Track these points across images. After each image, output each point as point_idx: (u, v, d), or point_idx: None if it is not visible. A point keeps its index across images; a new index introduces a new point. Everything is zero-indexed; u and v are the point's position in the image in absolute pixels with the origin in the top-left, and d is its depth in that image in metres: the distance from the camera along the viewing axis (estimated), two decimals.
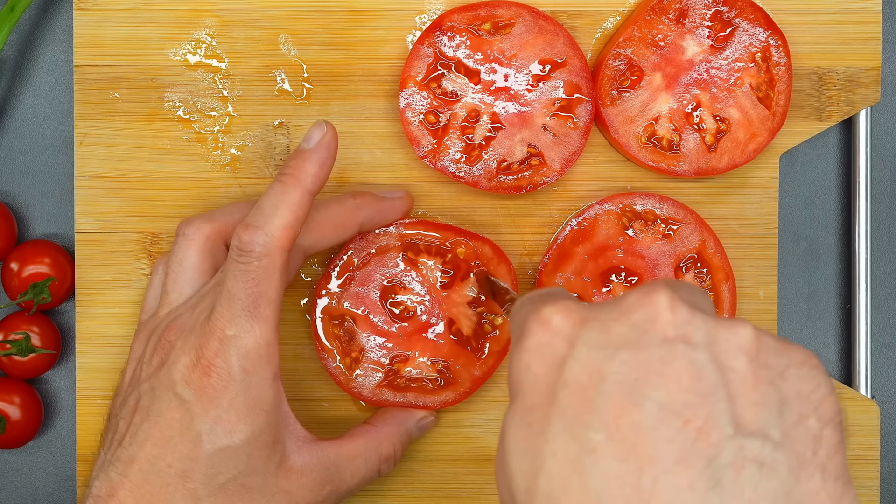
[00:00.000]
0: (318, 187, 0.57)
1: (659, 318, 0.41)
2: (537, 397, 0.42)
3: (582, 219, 0.65)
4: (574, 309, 0.43)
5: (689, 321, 0.41)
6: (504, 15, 0.65)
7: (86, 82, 0.66)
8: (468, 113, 0.65)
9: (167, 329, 0.58)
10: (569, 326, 0.43)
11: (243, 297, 0.55)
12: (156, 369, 0.57)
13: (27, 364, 0.67)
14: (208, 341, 0.55)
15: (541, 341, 0.43)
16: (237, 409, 0.55)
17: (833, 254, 0.70)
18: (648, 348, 0.41)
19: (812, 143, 0.70)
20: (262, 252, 0.55)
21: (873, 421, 0.67)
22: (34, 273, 0.66)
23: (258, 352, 0.56)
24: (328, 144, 0.58)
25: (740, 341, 0.41)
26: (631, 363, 0.41)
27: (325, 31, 0.67)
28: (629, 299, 0.42)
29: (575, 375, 0.41)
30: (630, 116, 0.65)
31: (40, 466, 0.69)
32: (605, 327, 0.42)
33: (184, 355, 0.56)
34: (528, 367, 0.43)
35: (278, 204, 0.56)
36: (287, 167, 0.57)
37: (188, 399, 0.55)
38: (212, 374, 0.55)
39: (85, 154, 0.67)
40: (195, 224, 0.61)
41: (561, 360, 0.42)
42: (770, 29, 0.65)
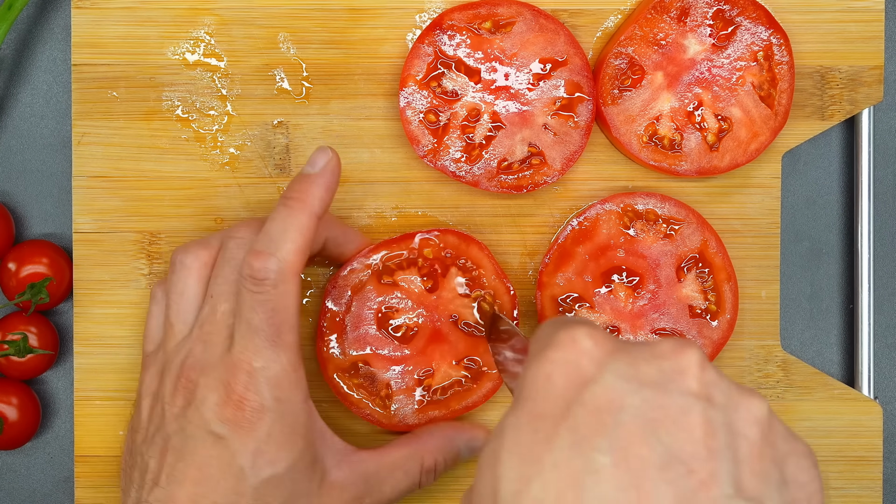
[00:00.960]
0: (323, 211, 0.58)
1: (688, 372, 0.43)
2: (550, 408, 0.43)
3: (583, 218, 0.65)
4: (608, 338, 0.44)
5: (715, 383, 0.43)
6: (505, 13, 0.64)
7: (84, 81, 0.66)
8: (468, 112, 0.65)
9: (183, 367, 0.57)
10: (599, 352, 0.43)
11: (265, 327, 0.55)
12: (182, 409, 0.57)
13: (25, 365, 0.67)
14: (236, 376, 0.55)
15: (568, 357, 0.43)
16: (276, 439, 0.55)
17: (836, 254, 0.70)
18: (672, 395, 0.42)
19: (814, 143, 0.70)
20: (276, 279, 0.55)
21: (876, 422, 0.67)
22: (32, 273, 0.66)
23: (288, 378, 0.56)
24: (333, 170, 0.58)
25: (757, 414, 0.43)
26: (652, 403, 0.42)
27: (324, 30, 0.66)
28: (663, 346, 0.44)
29: (595, 398, 0.42)
30: (631, 115, 0.65)
31: (38, 468, 0.69)
32: (635, 363, 0.43)
33: (212, 393, 0.56)
34: (549, 377, 0.43)
35: (287, 228, 0.56)
36: (292, 191, 0.57)
37: (225, 435, 0.55)
38: (245, 407, 0.55)
39: (83, 153, 0.66)
40: (192, 252, 0.60)
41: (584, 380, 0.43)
42: (772, 27, 0.65)
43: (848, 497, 0.67)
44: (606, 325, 0.65)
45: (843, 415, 0.67)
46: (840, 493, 0.67)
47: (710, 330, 0.65)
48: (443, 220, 0.67)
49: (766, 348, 0.67)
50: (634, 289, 0.65)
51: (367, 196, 0.67)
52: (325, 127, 0.66)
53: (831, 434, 0.67)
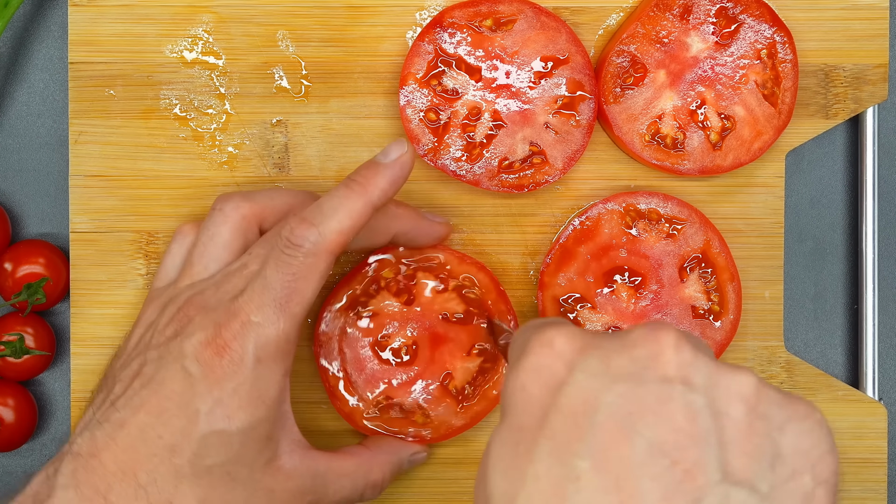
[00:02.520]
0: (382, 203, 0.57)
1: (662, 356, 0.42)
2: (528, 418, 0.42)
3: (585, 218, 0.65)
4: (577, 335, 0.43)
5: (692, 363, 0.42)
6: (506, 11, 0.64)
7: (81, 79, 0.66)
8: (469, 111, 0.65)
9: (187, 302, 0.57)
10: (570, 351, 0.43)
11: (279, 287, 0.55)
12: (168, 339, 0.56)
13: (21, 366, 0.67)
14: (230, 321, 0.55)
15: (540, 363, 0.43)
16: (240, 396, 0.55)
17: (840, 253, 0.70)
18: (647, 384, 0.41)
19: (818, 142, 0.70)
20: (310, 249, 0.55)
21: (881, 423, 0.67)
22: (28, 273, 0.66)
23: (277, 345, 0.55)
24: (404, 164, 0.58)
25: (741, 389, 0.42)
26: (627, 396, 0.41)
27: (323, 28, 0.66)
28: (634, 334, 0.43)
29: (569, 401, 0.41)
30: (633, 114, 0.65)
31: (35, 469, 0.68)
32: (607, 357, 0.42)
33: (200, 330, 0.55)
34: (524, 387, 0.43)
35: (339, 207, 0.56)
36: (358, 174, 0.57)
37: (194, 374, 0.55)
38: (225, 355, 0.55)
39: (80, 152, 0.66)
40: (234, 201, 0.60)
41: (558, 384, 0.42)
42: (776, 25, 0.65)
43: (852, 499, 0.67)
44: (608, 326, 0.65)
45: (848, 416, 0.67)
46: (844, 496, 0.67)
47: (713, 331, 0.65)
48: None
49: (769, 349, 0.67)
50: (637, 289, 0.65)
51: None
52: (324, 125, 0.66)
53: (835, 436, 0.66)
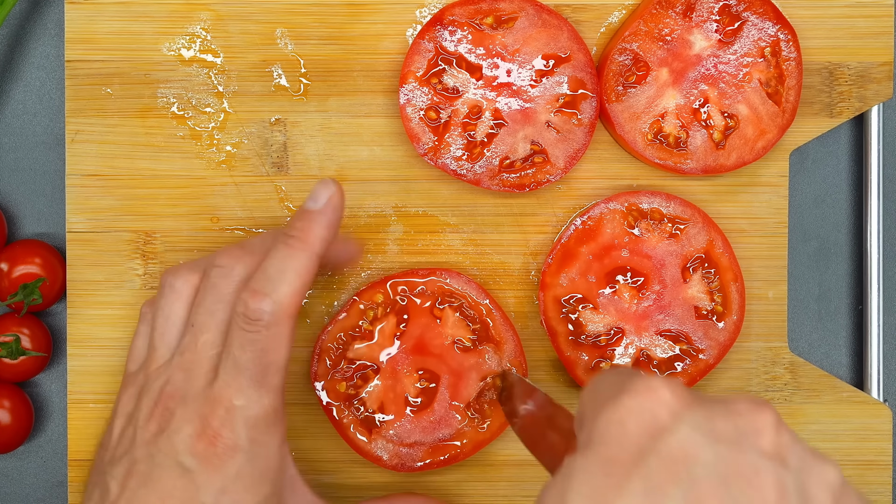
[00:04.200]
0: (324, 250, 0.57)
1: (763, 432, 0.44)
2: (622, 454, 0.43)
3: (587, 218, 0.65)
4: (684, 389, 0.45)
5: (789, 445, 0.44)
6: (507, 9, 0.64)
7: (77, 78, 0.66)
8: (470, 109, 0.64)
9: (162, 395, 0.57)
10: (676, 403, 0.44)
11: (251, 366, 0.55)
12: (154, 436, 0.56)
13: (17, 367, 0.66)
14: (214, 410, 0.55)
15: (643, 405, 0.44)
16: (244, 480, 0.55)
17: (844, 253, 0.70)
18: (746, 453, 0.43)
19: (823, 140, 0.70)
20: (270, 320, 0.55)
21: (886, 425, 0.67)
22: (24, 273, 0.66)
23: (266, 420, 0.55)
24: (336, 207, 0.57)
25: (830, 480, 0.44)
26: (727, 459, 0.43)
27: (322, 26, 0.66)
28: (740, 404, 0.45)
29: (670, 448, 0.43)
30: (636, 113, 0.65)
31: (31, 472, 0.69)
32: (711, 417, 0.44)
33: (187, 424, 0.55)
34: (623, 423, 0.44)
35: (285, 269, 0.56)
36: (293, 229, 0.57)
37: (192, 468, 0.54)
38: (218, 444, 0.54)
39: (76, 151, 0.66)
40: (182, 276, 0.59)
41: (659, 429, 0.44)
42: (779, 23, 0.65)
43: None
44: (611, 326, 0.64)
45: (852, 418, 0.67)
46: None
47: (716, 331, 0.65)
48: (443, 220, 0.66)
49: (773, 350, 0.67)
50: (639, 289, 0.65)
51: (367, 195, 0.66)
52: (323, 124, 0.66)
53: (840, 438, 0.67)
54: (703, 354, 0.65)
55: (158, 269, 0.66)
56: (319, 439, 0.66)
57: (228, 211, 0.66)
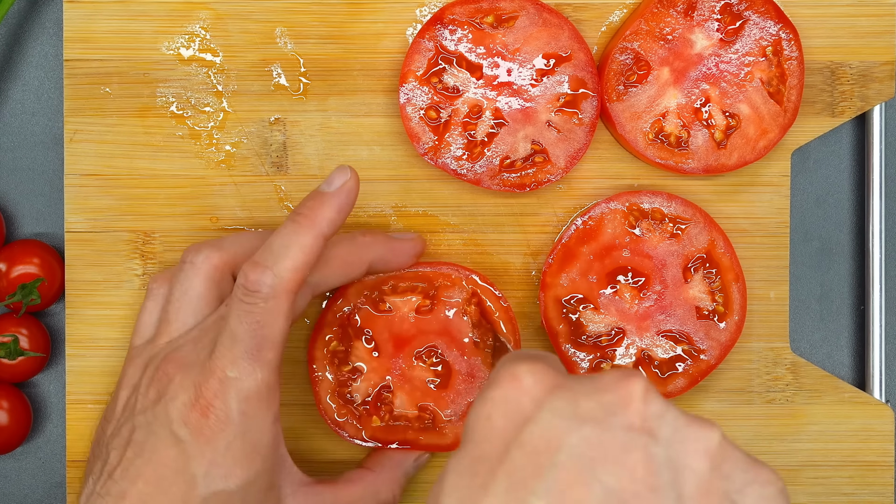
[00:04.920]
0: (332, 232, 0.57)
1: (630, 405, 0.42)
2: (489, 449, 0.43)
3: (587, 218, 0.65)
4: (548, 374, 0.44)
5: (660, 415, 0.42)
6: (507, 7, 0.64)
7: (76, 77, 0.66)
8: (470, 109, 0.64)
9: (166, 361, 0.57)
10: (539, 389, 0.43)
11: (246, 338, 0.55)
12: (152, 402, 0.56)
13: (16, 367, 0.66)
14: (208, 380, 0.55)
15: (507, 396, 0.43)
16: (234, 453, 0.55)
17: (846, 253, 0.70)
18: (612, 430, 0.42)
19: (825, 140, 0.69)
20: (268, 293, 0.55)
21: (887, 426, 0.67)
22: (23, 274, 0.66)
23: (259, 395, 0.55)
24: (349, 191, 0.57)
25: (707, 445, 0.42)
26: (591, 440, 0.41)
27: (322, 25, 0.66)
28: (605, 378, 0.43)
29: (533, 438, 0.42)
30: (637, 112, 0.65)
31: (29, 473, 0.69)
32: (575, 399, 0.42)
33: (182, 392, 0.55)
34: (489, 418, 0.43)
35: (289, 245, 0.55)
36: (303, 207, 0.57)
37: (184, 439, 0.55)
38: (210, 415, 0.54)
39: (75, 151, 0.66)
40: (204, 252, 0.59)
41: (523, 419, 0.42)
42: (781, 22, 0.65)
43: (859, 503, 0.67)
44: (612, 327, 0.64)
45: (854, 419, 0.67)
46: (851, 500, 0.67)
47: (717, 332, 0.64)
48: (444, 220, 0.66)
49: (774, 350, 0.67)
50: (640, 289, 0.65)
51: (367, 195, 0.66)
52: (323, 124, 0.66)
53: (842, 438, 0.67)
54: (705, 355, 0.64)
55: (157, 270, 0.66)
56: (320, 440, 0.66)
57: (228, 211, 0.66)
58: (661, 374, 0.64)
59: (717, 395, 0.67)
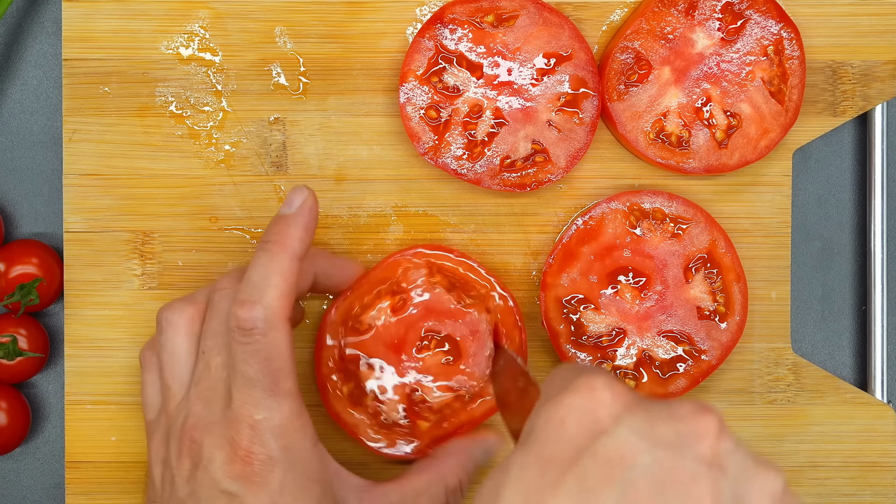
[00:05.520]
0: (304, 252, 0.57)
1: (705, 438, 0.43)
2: (559, 452, 0.43)
3: (588, 217, 0.65)
4: (626, 392, 0.45)
5: (730, 452, 0.44)
6: (507, 6, 0.64)
7: (75, 76, 0.66)
8: (470, 108, 0.64)
9: (185, 430, 0.56)
10: (617, 405, 0.44)
11: (261, 377, 0.54)
12: (191, 472, 0.56)
13: (14, 368, 0.66)
14: (239, 431, 0.54)
15: (584, 405, 0.44)
16: (290, 489, 0.54)
17: (848, 253, 0.69)
18: (684, 459, 0.43)
19: (826, 139, 0.69)
20: (265, 327, 0.54)
21: (889, 427, 0.67)
22: (21, 274, 0.66)
23: (292, 426, 0.55)
24: (311, 208, 0.57)
25: (770, 488, 0.44)
26: (664, 464, 0.42)
27: (322, 24, 0.66)
28: (683, 408, 0.44)
29: (607, 450, 0.43)
30: (638, 112, 0.65)
31: (28, 474, 0.69)
32: (652, 421, 0.44)
33: (218, 451, 0.55)
34: (562, 422, 0.44)
35: (268, 274, 0.55)
36: (270, 234, 0.56)
37: (237, 493, 0.54)
38: (253, 461, 0.54)
39: (74, 151, 0.66)
40: (177, 309, 0.59)
41: (598, 431, 0.43)
42: (783, 21, 0.65)
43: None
44: (613, 327, 0.64)
45: (856, 419, 0.67)
46: (852, 500, 0.67)
47: (718, 332, 0.64)
48: (444, 220, 0.66)
49: (776, 351, 0.67)
50: (641, 290, 0.64)
51: (366, 195, 0.66)
52: (322, 123, 0.66)
53: (843, 439, 0.67)
54: (706, 355, 0.64)
55: (156, 269, 0.66)
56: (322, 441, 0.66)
57: (227, 211, 0.66)
58: (661, 375, 0.64)
59: (719, 396, 0.67)
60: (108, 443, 0.66)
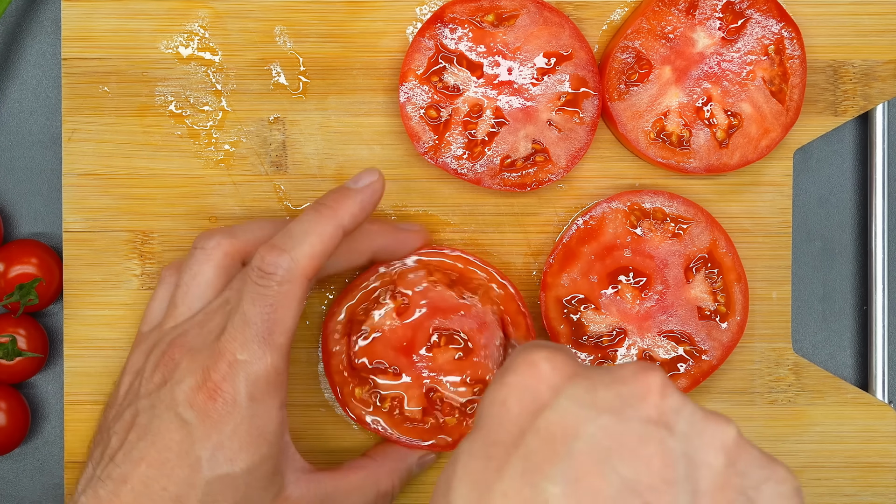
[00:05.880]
0: (353, 227, 0.57)
1: (648, 398, 0.43)
2: (504, 434, 0.43)
3: (588, 217, 0.64)
4: (566, 362, 0.44)
5: (677, 409, 0.43)
6: (508, 6, 0.64)
7: (74, 76, 0.65)
8: (471, 108, 0.64)
9: (172, 345, 0.57)
10: (556, 377, 0.43)
11: (259, 321, 0.54)
12: (157, 386, 0.56)
13: (13, 368, 0.66)
14: (217, 363, 0.54)
15: (524, 382, 0.43)
16: (240, 437, 0.54)
17: (849, 253, 0.69)
18: (629, 422, 0.42)
19: (827, 139, 0.69)
20: (284, 277, 0.55)
21: (890, 427, 0.67)
22: (21, 274, 0.66)
23: (268, 379, 0.55)
24: (375, 191, 0.58)
25: (723, 440, 0.42)
26: (608, 430, 0.42)
27: (322, 23, 0.66)
28: (624, 370, 0.43)
29: (549, 424, 0.42)
30: (638, 111, 0.64)
31: (27, 474, 0.69)
32: (593, 388, 0.43)
33: (189, 375, 0.55)
34: (504, 403, 0.43)
35: (309, 231, 0.55)
36: (327, 198, 0.57)
37: (190, 421, 0.54)
38: (217, 398, 0.54)
39: (73, 150, 0.66)
40: (215, 238, 0.59)
41: (540, 406, 0.43)
42: (783, 20, 0.64)
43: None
44: (613, 328, 0.64)
45: (857, 419, 0.67)
46: (853, 500, 0.67)
47: (719, 332, 0.64)
48: (444, 219, 0.66)
49: (777, 351, 0.67)
50: (641, 290, 0.64)
51: None
52: (322, 123, 0.66)
53: (844, 439, 0.66)
54: (706, 355, 0.64)
55: (156, 270, 0.66)
56: (321, 440, 0.66)
57: (227, 210, 0.66)
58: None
59: (719, 396, 0.66)
60: None
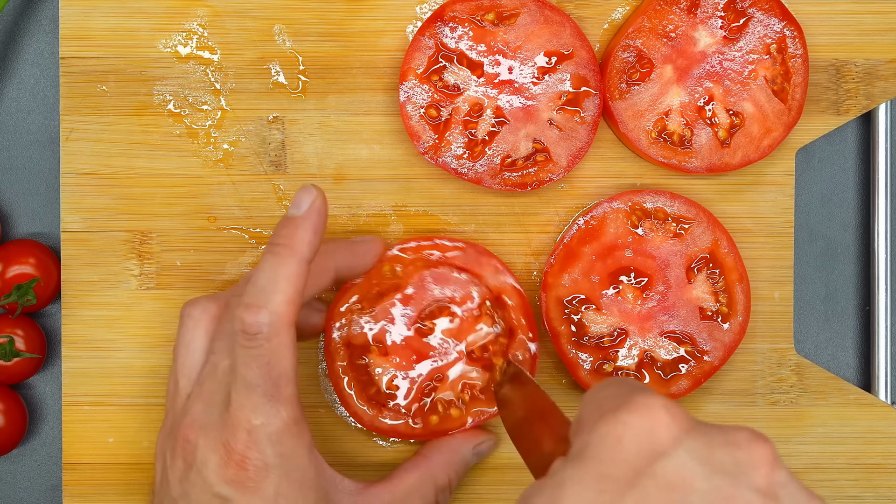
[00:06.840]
0: (313, 255, 0.56)
1: (761, 468, 0.44)
2: (617, 472, 0.44)
3: (589, 217, 0.64)
4: (683, 414, 0.45)
5: (785, 484, 0.44)
6: (508, 4, 0.64)
7: (72, 75, 0.65)
8: (471, 107, 0.64)
9: (182, 428, 0.56)
10: (675, 427, 0.45)
11: (261, 382, 0.54)
12: (183, 472, 0.55)
13: (11, 369, 0.66)
14: (235, 434, 0.54)
15: (643, 424, 0.44)
16: (285, 496, 0.54)
17: (851, 254, 0.69)
18: (741, 488, 0.43)
19: (829, 139, 0.69)
20: (269, 332, 0.54)
21: (893, 428, 0.67)
22: (18, 274, 0.66)
23: (289, 433, 0.54)
24: (319, 210, 0.56)
25: None
26: (721, 492, 0.43)
27: (321, 22, 0.66)
28: (739, 435, 0.45)
29: (667, 473, 0.43)
30: (640, 110, 0.64)
31: (25, 475, 0.69)
32: (711, 447, 0.44)
33: (212, 453, 0.54)
34: (620, 440, 0.44)
35: (276, 278, 0.54)
36: (279, 237, 0.56)
37: (230, 497, 0.54)
38: (248, 466, 0.54)
39: (71, 150, 0.66)
40: (201, 305, 0.59)
41: (657, 452, 0.44)
42: (786, 19, 0.64)
43: None
44: (614, 328, 0.64)
45: (859, 421, 0.67)
46: (856, 502, 0.67)
47: (721, 332, 0.64)
48: (444, 219, 0.66)
49: (779, 352, 0.66)
50: (643, 290, 0.64)
51: (366, 194, 0.66)
52: (322, 122, 0.65)
53: (846, 440, 0.67)
54: (708, 356, 0.64)
55: (154, 269, 0.66)
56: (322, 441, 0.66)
57: (225, 210, 0.66)
58: (663, 376, 0.64)
59: (721, 397, 0.66)
60: (106, 444, 0.65)
